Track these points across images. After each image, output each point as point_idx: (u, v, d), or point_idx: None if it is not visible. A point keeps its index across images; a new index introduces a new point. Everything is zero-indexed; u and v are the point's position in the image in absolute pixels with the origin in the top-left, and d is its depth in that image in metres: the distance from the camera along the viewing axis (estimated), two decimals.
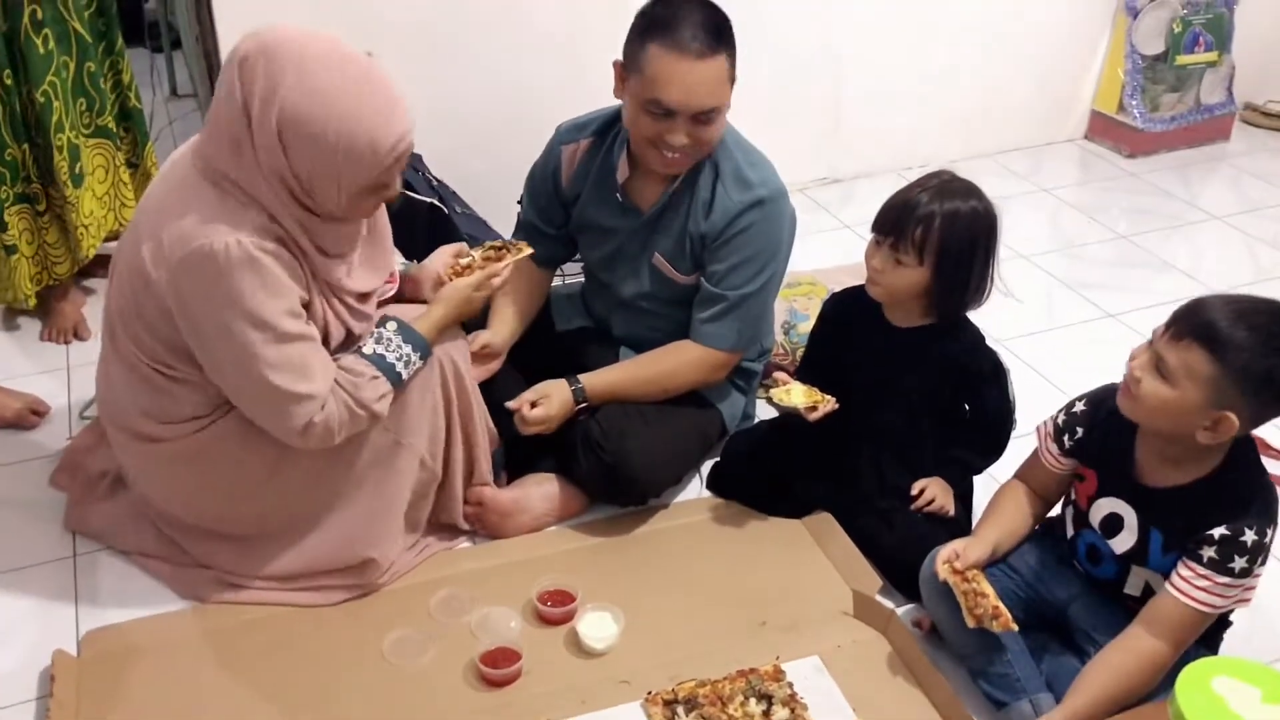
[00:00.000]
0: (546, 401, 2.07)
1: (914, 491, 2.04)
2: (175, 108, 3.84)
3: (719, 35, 1.94)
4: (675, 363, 2.16)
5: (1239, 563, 1.59)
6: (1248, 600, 1.66)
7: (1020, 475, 1.93)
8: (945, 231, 1.90)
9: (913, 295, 1.97)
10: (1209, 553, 1.60)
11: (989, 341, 2.08)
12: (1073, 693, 1.65)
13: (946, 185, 1.93)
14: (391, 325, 1.88)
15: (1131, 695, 1.63)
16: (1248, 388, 1.53)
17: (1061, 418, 1.84)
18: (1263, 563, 1.62)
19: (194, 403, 1.82)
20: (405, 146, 1.68)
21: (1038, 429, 1.89)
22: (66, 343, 2.68)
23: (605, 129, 2.16)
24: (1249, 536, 1.59)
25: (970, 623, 1.73)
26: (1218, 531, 1.60)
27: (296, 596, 1.96)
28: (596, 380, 2.13)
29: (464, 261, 2.03)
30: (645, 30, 1.95)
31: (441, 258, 2.06)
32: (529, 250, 2.09)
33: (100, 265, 2.76)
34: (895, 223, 1.93)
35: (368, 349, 1.84)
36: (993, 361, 2.04)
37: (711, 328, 2.13)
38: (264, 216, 1.67)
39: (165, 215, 1.68)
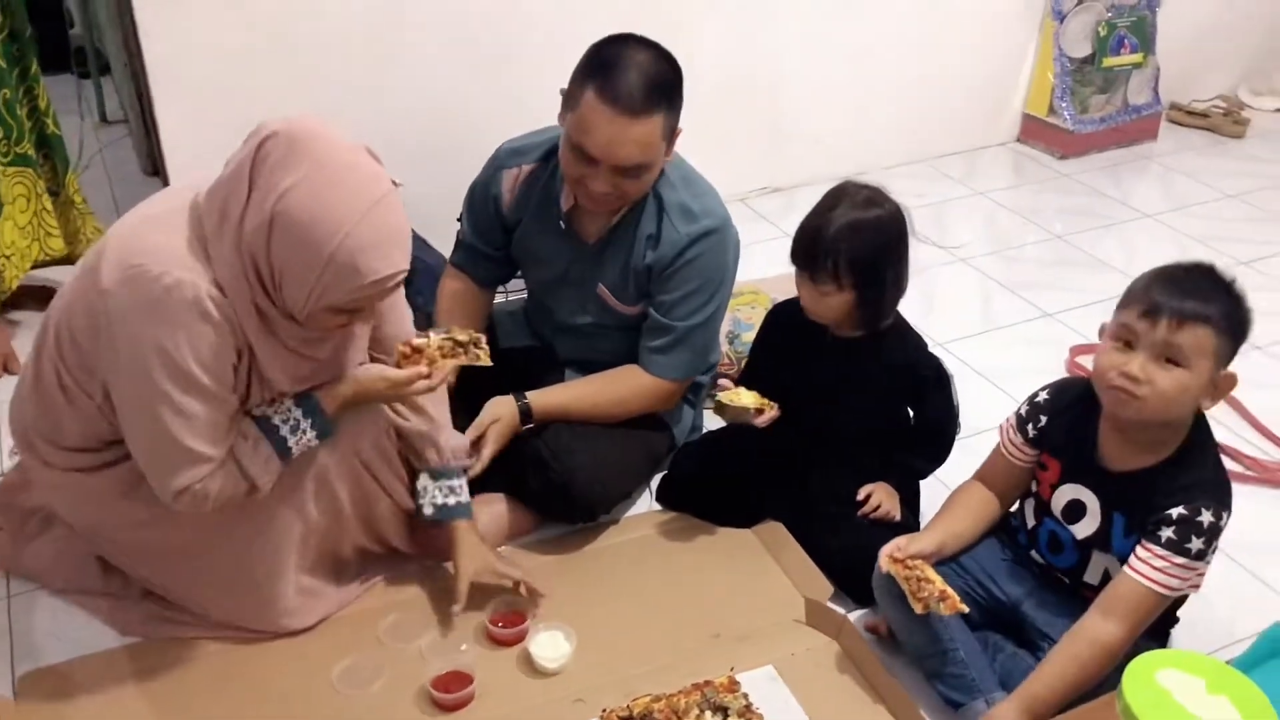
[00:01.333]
0: (494, 428, 2.05)
1: (860, 497, 2.05)
2: (105, 134, 3.78)
3: (659, 93, 1.90)
4: (626, 391, 2.15)
5: (1195, 544, 1.62)
6: (1198, 586, 1.69)
7: (979, 475, 1.94)
8: (854, 253, 1.91)
9: (846, 314, 1.99)
10: (1167, 533, 1.63)
11: (930, 346, 2.10)
12: (1028, 680, 1.67)
13: (847, 203, 1.93)
14: (290, 398, 1.76)
15: (1087, 681, 1.64)
16: (1234, 337, 1.63)
17: (1024, 408, 1.86)
18: (1215, 548, 1.66)
19: (80, 433, 1.77)
20: (394, 283, 1.62)
21: (1001, 425, 1.91)
22: None
23: (548, 155, 2.14)
24: (1205, 517, 1.63)
25: (918, 608, 1.74)
26: (1176, 511, 1.63)
27: (232, 634, 1.91)
28: (543, 400, 2.12)
29: (416, 342, 1.85)
30: (588, 70, 1.92)
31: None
32: (488, 363, 1.89)
33: (30, 297, 2.70)
34: (808, 257, 1.94)
35: (256, 410, 1.74)
36: (936, 367, 2.05)
37: (661, 358, 2.13)
38: (213, 277, 1.60)
39: (139, 236, 1.62)
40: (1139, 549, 1.66)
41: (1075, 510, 1.77)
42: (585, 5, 2.83)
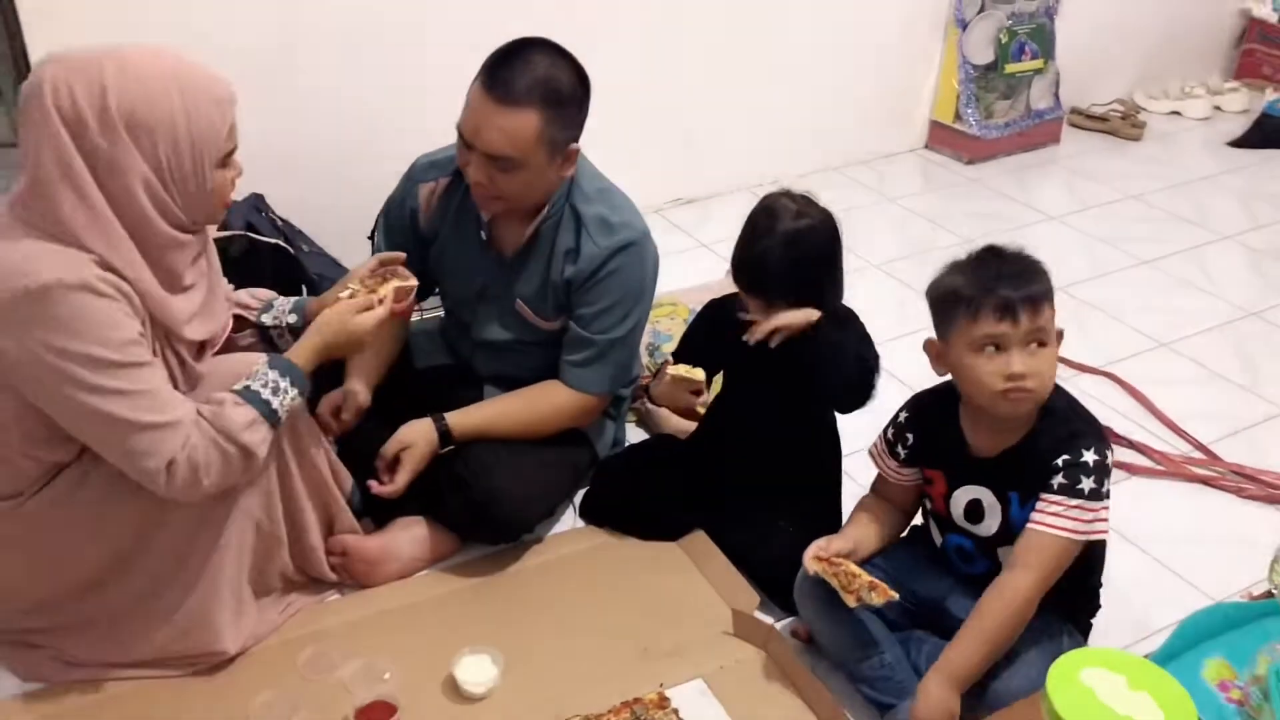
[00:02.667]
0: (409, 454, 2.02)
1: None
2: None
3: (539, 93, 1.88)
4: (547, 408, 2.13)
5: (1086, 483, 1.66)
6: (1103, 531, 1.70)
7: (874, 490, 1.97)
8: (798, 269, 1.92)
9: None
10: (1058, 480, 1.67)
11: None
12: (948, 647, 1.69)
13: (780, 216, 1.94)
14: (262, 360, 1.79)
15: (1005, 635, 1.66)
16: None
17: (890, 432, 1.90)
18: (1107, 487, 1.69)
19: (7, 480, 1.70)
20: (233, 94, 1.68)
21: (869, 451, 1.94)
22: None
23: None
24: (1088, 457, 1.67)
25: (850, 601, 1.74)
26: (1060, 460, 1.67)
27: (143, 673, 1.84)
28: (463, 420, 2.08)
29: (344, 294, 1.90)
30: (487, 60, 1.93)
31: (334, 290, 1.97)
32: (413, 280, 1.95)
33: None
34: (755, 284, 1.96)
35: (236, 385, 1.74)
36: (859, 324, 2.03)
37: (581, 372, 2.11)
38: (94, 258, 1.57)
39: None
40: (1037, 504, 1.69)
41: (975, 510, 1.79)
42: (497, 16, 2.81)
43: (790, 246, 1.92)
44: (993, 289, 1.65)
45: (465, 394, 2.20)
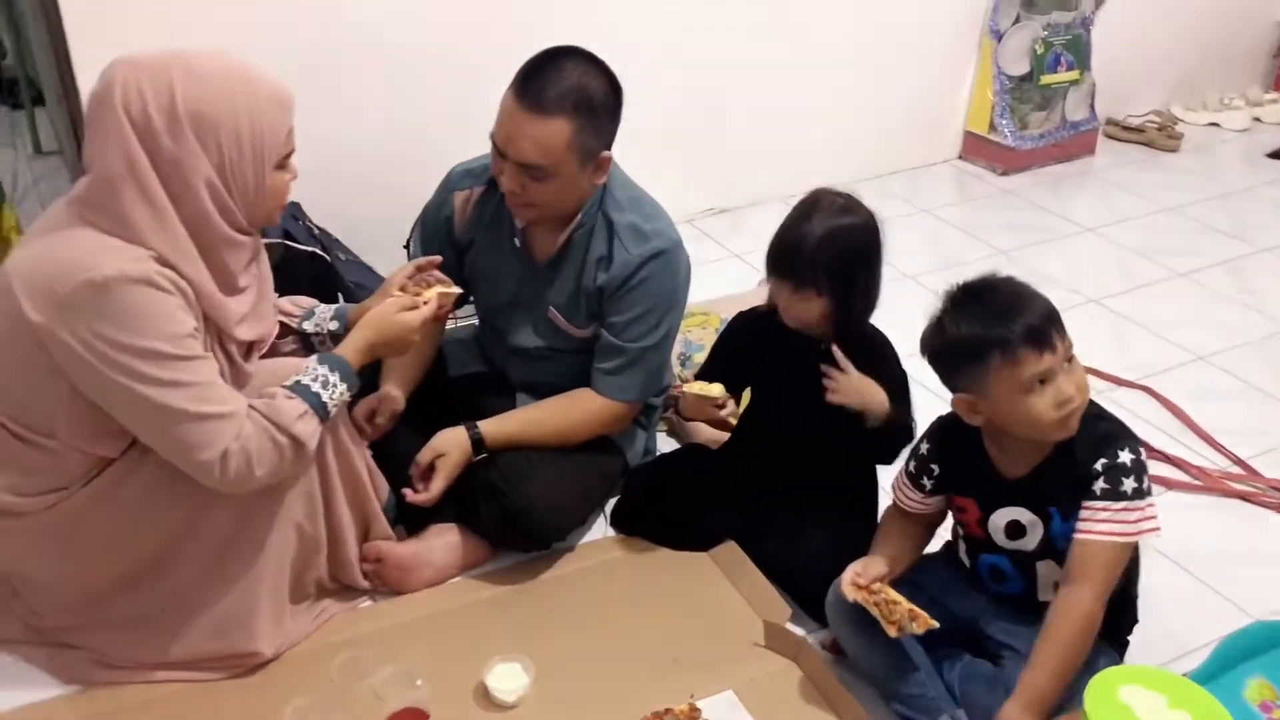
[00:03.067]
0: (444, 461, 2.03)
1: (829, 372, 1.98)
2: (40, 166, 3.70)
3: (570, 101, 1.90)
4: (579, 415, 2.13)
5: (1128, 484, 1.64)
6: (1154, 528, 1.66)
7: (896, 504, 1.95)
8: (831, 260, 1.92)
9: (822, 319, 1.99)
10: (1099, 485, 1.65)
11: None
12: (1024, 673, 1.64)
13: (823, 210, 1.95)
14: (313, 358, 1.82)
15: (1077, 655, 1.63)
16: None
17: (912, 465, 1.88)
18: (1148, 485, 1.66)
19: (54, 475, 1.73)
20: (293, 98, 1.73)
21: (891, 485, 1.93)
22: None
23: None
24: (1125, 457, 1.65)
25: (891, 632, 1.73)
26: (1098, 464, 1.65)
27: (179, 675, 1.86)
28: (496, 429, 2.09)
29: (393, 296, 1.93)
30: (520, 69, 1.95)
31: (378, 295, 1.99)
32: (456, 289, 1.97)
33: None
34: (787, 265, 1.95)
35: (287, 381, 1.78)
36: (901, 371, 2.05)
37: (614, 380, 2.12)
38: (154, 254, 1.61)
39: (45, 262, 1.61)
40: (1081, 514, 1.66)
41: (1016, 529, 1.77)
42: (534, 24, 2.82)
43: (829, 237, 1.91)
44: (1015, 325, 1.62)
45: (498, 402, 2.21)
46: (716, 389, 2.00)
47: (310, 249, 2.59)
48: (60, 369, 1.62)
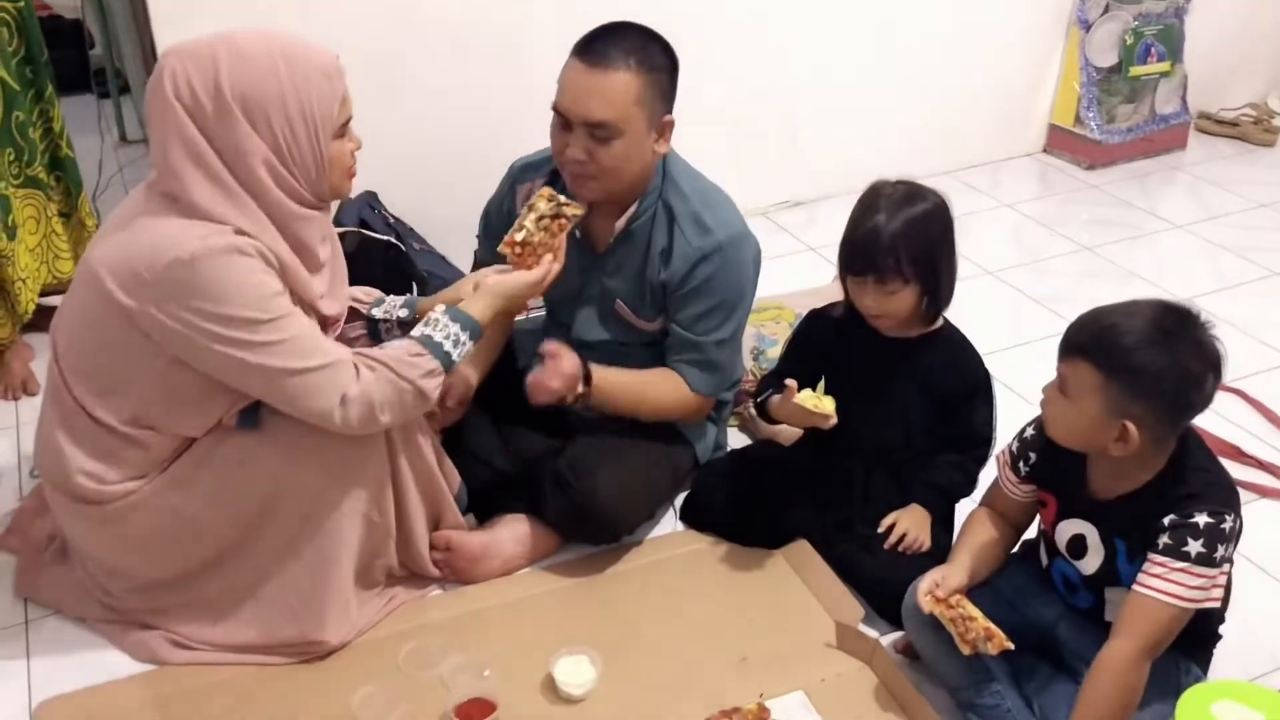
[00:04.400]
0: (566, 360, 1.96)
1: (882, 528, 2.00)
2: (125, 154, 3.77)
3: (632, 54, 1.91)
4: (669, 396, 2.10)
5: (1193, 546, 1.55)
6: (1215, 598, 1.61)
7: (986, 503, 1.89)
8: (913, 247, 1.88)
9: (911, 310, 1.95)
10: (1163, 540, 1.57)
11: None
12: None
13: (892, 201, 1.91)
14: (439, 308, 1.85)
15: (1118, 711, 1.58)
16: (1134, 390, 1.54)
17: (1015, 444, 1.81)
18: (1225, 550, 1.58)
19: (136, 462, 1.77)
20: (341, 66, 1.73)
21: (997, 457, 1.86)
22: (15, 399, 2.59)
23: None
24: (1200, 519, 1.56)
25: (965, 650, 1.69)
26: (1168, 519, 1.58)
27: (250, 659, 1.88)
28: (603, 374, 2.03)
29: (519, 237, 1.89)
30: (575, 46, 1.95)
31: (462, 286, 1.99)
32: (580, 209, 1.94)
33: (42, 317, 2.68)
34: (868, 261, 1.91)
35: (417, 332, 1.81)
36: (986, 375, 2.02)
37: (689, 371, 2.09)
38: (233, 228, 1.65)
39: (130, 247, 1.65)
40: (1144, 564, 1.60)
41: (1078, 546, 1.72)
42: (607, 15, 2.81)
43: (905, 224, 1.88)
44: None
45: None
46: (829, 406, 1.95)
47: (386, 238, 2.61)
48: (155, 348, 1.67)
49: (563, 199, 1.92)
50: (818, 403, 1.94)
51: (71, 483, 1.78)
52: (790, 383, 1.96)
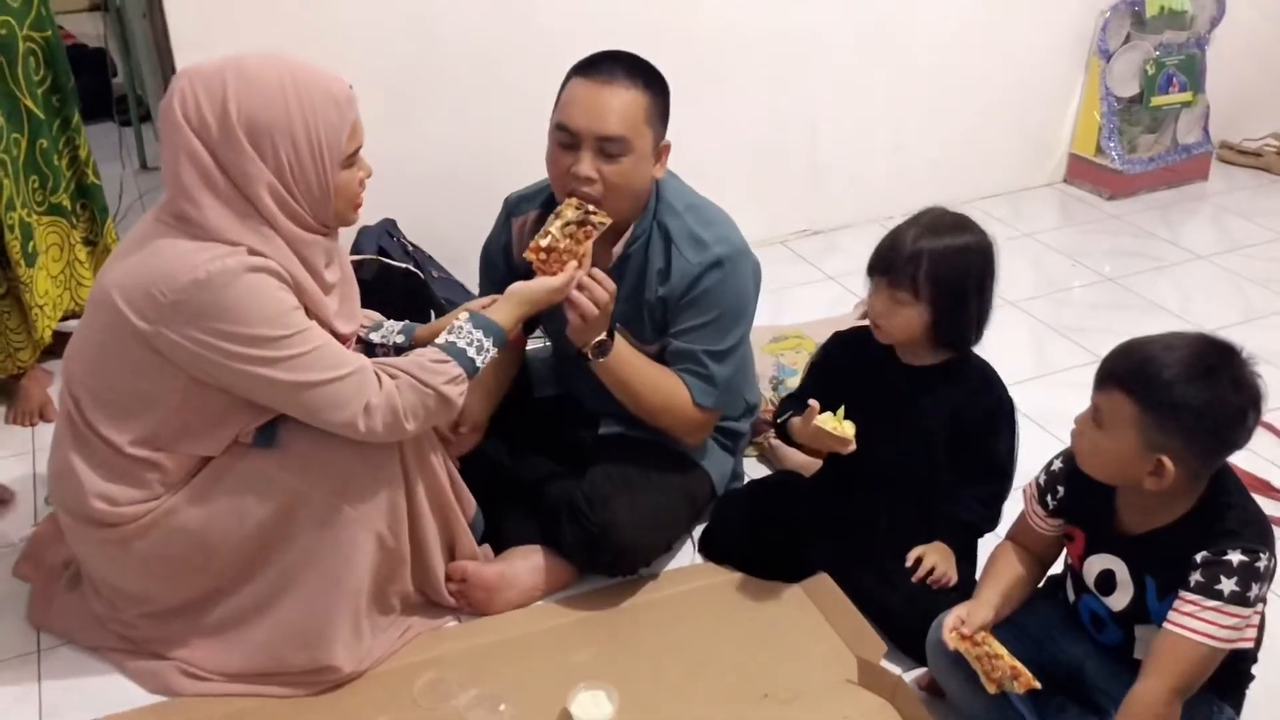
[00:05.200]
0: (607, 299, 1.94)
1: (909, 562, 1.97)
2: (145, 180, 3.80)
3: (640, 73, 1.93)
4: (673, 395, 2.05)
5: (1227, 585, 1.51)
6: (1248, 638, 1.57)
7: (1011, 537, 1.86)
8: (937, 266, 1.86)
9: (917, 334, 1.93)
10: (1195, 577, 1.54)
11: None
12: None
13: (936, 221, 1.91)
14: (462, 315, 1.86)
15: None
16: (1173, 425, 1.51)
17: (1042, 477, 1.78)
18: (1260, 589, 1.54)
19: (150, 484, 1.77)
20: (352, 94, 1.72)
21: (1024, 490, 1.83)
22: (33, 424, 2.59)
23: (552, 199, 2.08)
24: (1234, 557, 1.52)
25: (991, 689, 1.65)
26: (1200, 555, 1.54)
27: (262, 690, 1.86)
28: (627, 348, 2.01)
29: (544, 243, 1.88)
30: (572, 69, 1.96)
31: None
32: (607, 219, 1.91)
33: (61, 344, 2.68)
34: (887, 261, 1.90)
35: (438, 339, 1.82)
36: (1009, 400, 1.99)
37: (690, 380, 2.06)
38: (246, 248, 1.65)
39: (144, 269, 1.65)
40: (1175, 601, 1.56)
41: (1107, 581, 1.68)
42: (627, 45, 2.81)
43: (937, 243, 1.87)
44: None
45: (580, 425, 2.19)
46: (849, 430, 1.92)
47: (405, 265, 2.61)
48: (173, 369, 1.67)
49: (590, 207, 1.91)
50: (838, 425, 1.91)
51: (86, 507, 1.78)
52: (813, 403, 1.93)
